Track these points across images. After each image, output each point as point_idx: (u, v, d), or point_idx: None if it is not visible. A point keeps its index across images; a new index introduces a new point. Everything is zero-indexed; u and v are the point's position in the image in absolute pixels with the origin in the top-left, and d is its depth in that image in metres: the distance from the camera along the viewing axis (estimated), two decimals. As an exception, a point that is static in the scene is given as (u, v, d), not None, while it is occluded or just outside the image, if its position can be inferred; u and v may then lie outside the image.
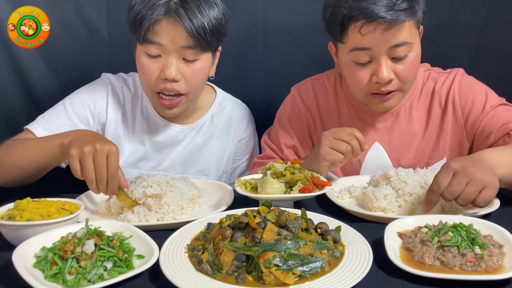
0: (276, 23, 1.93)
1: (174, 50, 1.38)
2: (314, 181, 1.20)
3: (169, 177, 1.28)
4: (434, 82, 1.53)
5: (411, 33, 1.32)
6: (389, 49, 1.32)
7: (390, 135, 1.54)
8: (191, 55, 1.40)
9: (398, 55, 1.33)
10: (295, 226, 0.90)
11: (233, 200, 1.23)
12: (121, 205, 1.18)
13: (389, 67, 1.34)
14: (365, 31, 1.29)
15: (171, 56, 1.39)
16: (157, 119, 1.59)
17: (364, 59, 1.35)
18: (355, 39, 1.32)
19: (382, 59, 1.33)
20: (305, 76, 1.73)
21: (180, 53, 1.39)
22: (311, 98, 1.62)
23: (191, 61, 1.41)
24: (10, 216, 0.99)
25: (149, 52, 1.40)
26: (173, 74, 1.38)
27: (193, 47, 1.38)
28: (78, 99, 1.55)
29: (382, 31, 1.28)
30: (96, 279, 0.80)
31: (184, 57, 1.40)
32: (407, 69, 1.35)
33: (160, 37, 1.36)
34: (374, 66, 1.35)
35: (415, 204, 1.16)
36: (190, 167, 1.65)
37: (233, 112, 1.70)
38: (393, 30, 1.28)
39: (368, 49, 1.32)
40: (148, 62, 1.41)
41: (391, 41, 1.30)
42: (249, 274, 0.80)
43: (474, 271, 0.83)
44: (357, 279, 0.78)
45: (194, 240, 0.94)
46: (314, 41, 1.95)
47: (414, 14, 1.31)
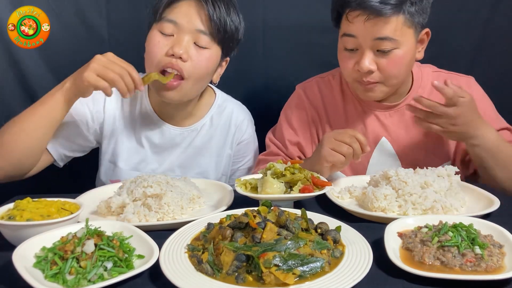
0: (276, 23, 1.94)
1: (188, 31, 1.40)
2: (314, 181, 1.20)
3: (169, 177, 1.28)
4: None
5: (397, 30, 1.34)
6: (374, 41, 1.35)
7: (397, 131, 1.57)
8: (204, 41, 1.42)
9: (382, 49, 1.36)
10: (295, 226, 0.90)
11: (233, 200, 1.23)
12: (156, 78, 1.37)
13: (372, 59, 1.38)
14: (351, 17, 1.36)
15: (184, 36, 1.40)
16: (157, 120, 1.59)
17: (351, 45, 1.40)
18: (346, 25, 1.40)
19: (366, 49, 1.37)
20: (305, 77, 1.73)
21: (194, 36, 1.41)
22: (316, 96, 1.64)
23: (202, 48, 1.42)
24: (10, 216, 0.98)
25: (163, 30, 1.41)
26: (182, 51, 1.39)
27: (208, 33, 1.41)
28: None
29: (364, 21, 1.33)
30: (96, 279, 0.80)
31: (196, 42, 1.41)
32: (390, 64, 1.38)
33: (177, 16, 1.39)
34: (359, 54, 1.40)
35: (415, 204, 1.16)
36: (189, 169, 1.64)
37: (233, 114, 1.69)
38: (377, 22, 1.32)
39: (354, 36, 1.38)
40: (160, 38, 1.42)
41: (375, 33, 1.34)
42: (249, 274, 0.80)
43: (474, 271, 0.83)
44: (357, 279, 0.78)
45: (194, 240, 0.94)
46: (314, 41, 1.96)
47: (400, 10, 1.32)
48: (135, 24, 1.89)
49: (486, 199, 1.21)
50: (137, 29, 1.88)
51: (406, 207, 1.15)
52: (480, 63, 1.97)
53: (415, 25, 1.38)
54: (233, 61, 1.93)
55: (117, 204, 1.19)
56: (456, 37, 1.95)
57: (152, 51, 1.43)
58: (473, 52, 1.96)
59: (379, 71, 1.40)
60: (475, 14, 1.93)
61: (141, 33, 1.83)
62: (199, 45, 1.42)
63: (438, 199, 1.16)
